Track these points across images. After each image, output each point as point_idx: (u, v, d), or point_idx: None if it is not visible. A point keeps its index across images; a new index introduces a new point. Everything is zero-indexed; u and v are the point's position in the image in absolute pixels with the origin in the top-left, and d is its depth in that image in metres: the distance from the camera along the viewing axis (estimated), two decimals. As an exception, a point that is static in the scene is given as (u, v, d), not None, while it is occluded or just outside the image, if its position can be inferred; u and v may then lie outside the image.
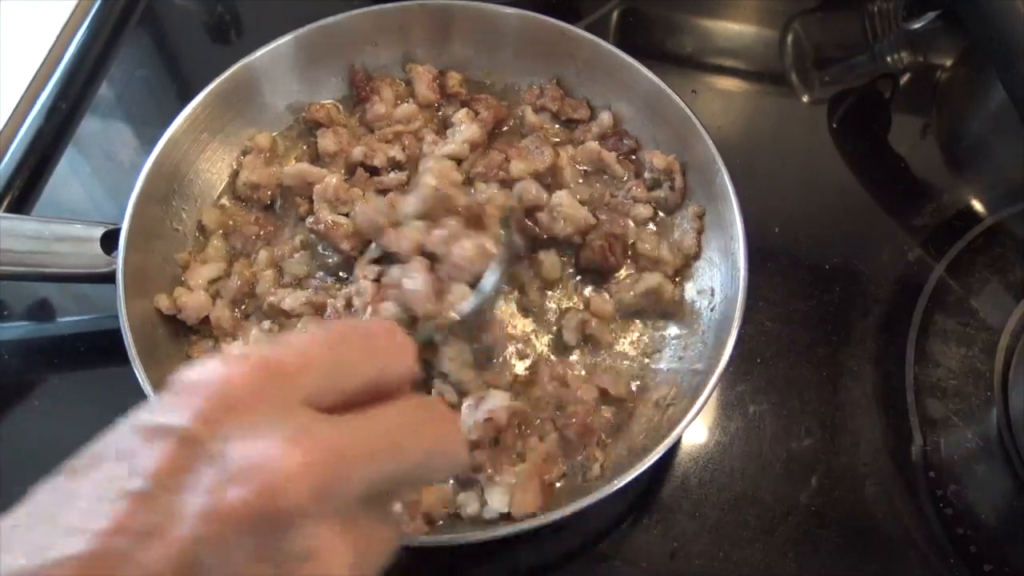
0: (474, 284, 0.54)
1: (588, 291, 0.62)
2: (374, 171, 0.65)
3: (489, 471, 0.52)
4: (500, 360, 0.58)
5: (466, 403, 0.54)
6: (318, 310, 0.58)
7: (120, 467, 0.26)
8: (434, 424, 0.31)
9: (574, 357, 0.59)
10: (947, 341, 0.64)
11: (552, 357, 0.59)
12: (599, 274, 0.62)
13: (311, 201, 0.62)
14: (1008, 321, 0.65)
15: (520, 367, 0.58)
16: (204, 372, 0.27)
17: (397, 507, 0.31)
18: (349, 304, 0.56)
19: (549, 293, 0.62)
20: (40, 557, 0.24)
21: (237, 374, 0.27)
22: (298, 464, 0.26)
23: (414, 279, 0.53)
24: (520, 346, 0.59)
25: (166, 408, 0.27)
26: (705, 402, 0.51)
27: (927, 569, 0.56)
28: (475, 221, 0.56)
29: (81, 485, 0.26)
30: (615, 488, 0.48)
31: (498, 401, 0.52)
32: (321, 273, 0.61)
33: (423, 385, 0.57)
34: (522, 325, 0.60)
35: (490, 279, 0.53)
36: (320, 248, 0.61)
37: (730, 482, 0.58)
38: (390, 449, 0.29)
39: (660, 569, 0.55)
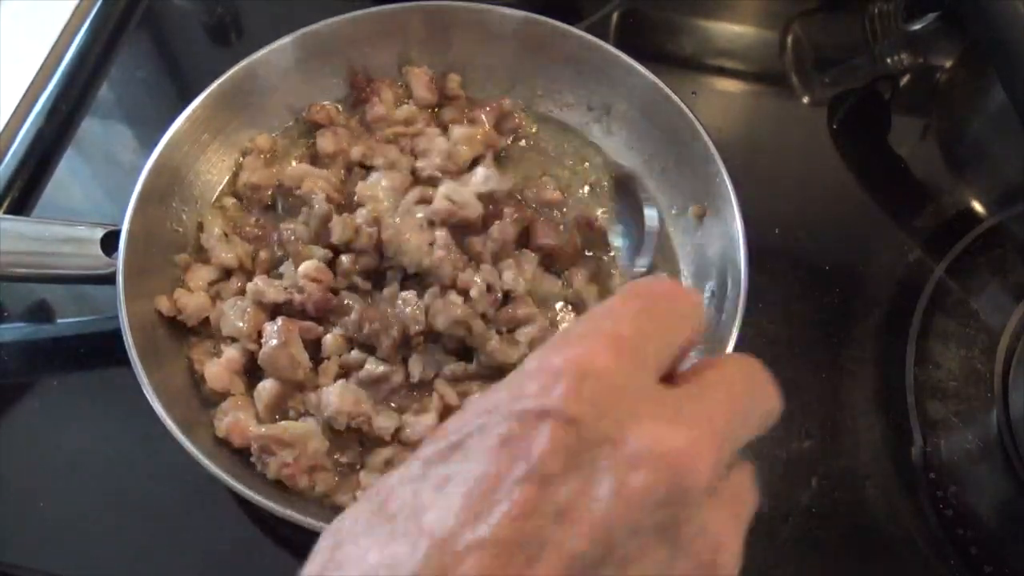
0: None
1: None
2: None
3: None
4: None
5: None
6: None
7: (503, 454, 0.25)
8: (757, 379, 0.30)
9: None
10: (947, 342, 0.64)
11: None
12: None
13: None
14: (1008, 322, 0.65)
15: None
16: (561, 355, 0.26)
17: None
18: None
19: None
20: (454, 542, 0.23)
21: (596, 353, 0.26)
22: (693, 444, 0.25)
23: None
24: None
25: (535, 393, 0.26)
26: (705, 403, 0.51)
27: (927, 570, 0.56)
28: None
29: (461, 470, 0.25)
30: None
31: None
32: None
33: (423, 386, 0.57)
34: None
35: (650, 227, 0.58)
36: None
37: (730, 483, 0.58)
38: (743, 414, 0.29)
39: (660, 570, 0.55)
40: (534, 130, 0.70)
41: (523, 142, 0.69)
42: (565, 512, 0.24)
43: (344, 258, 0.59)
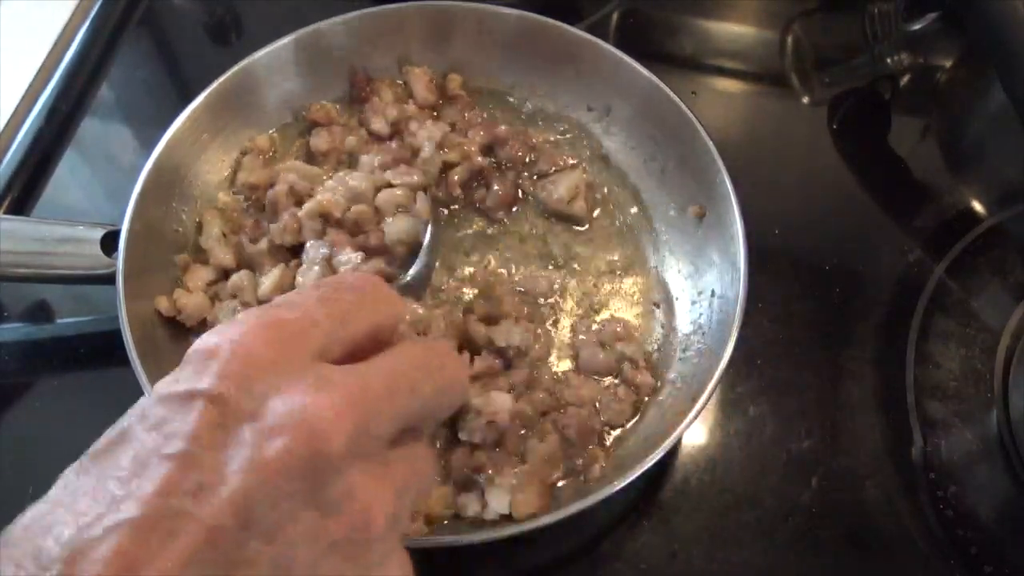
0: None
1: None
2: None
3: (490, 472, 0.52)
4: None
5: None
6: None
7: (154, 436, 0.26)
8: (438, 360, 0.32)
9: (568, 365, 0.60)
10: (947, 342, 0.64)
11: (553, 357, 0.60)
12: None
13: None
14: (1008, 322, 0.65)
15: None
16: (218, 337, 0.28)
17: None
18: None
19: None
20: (94, 527, 0.24)
21: (251, 336, 0.28)
22: (331, 410, 0.26)
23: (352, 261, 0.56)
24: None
25: (188, 376, 0.27)
26: (705, 403, 0.51)
27: (927, 571, 0.56)
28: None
29: (115, 459, 0.26)
30: (616, 489, 0.48)
31: (500, 404, 0.52)
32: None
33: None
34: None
35: (426, 241, 0.57)
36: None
37: (730, 483, 0.58)
38: (406, 387, 0.30)
39: (660, 570, 0.55)
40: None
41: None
42: (204, 487, 0.25)
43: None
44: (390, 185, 0.61)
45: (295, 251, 0.60)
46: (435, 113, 0.70)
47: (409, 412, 0.30)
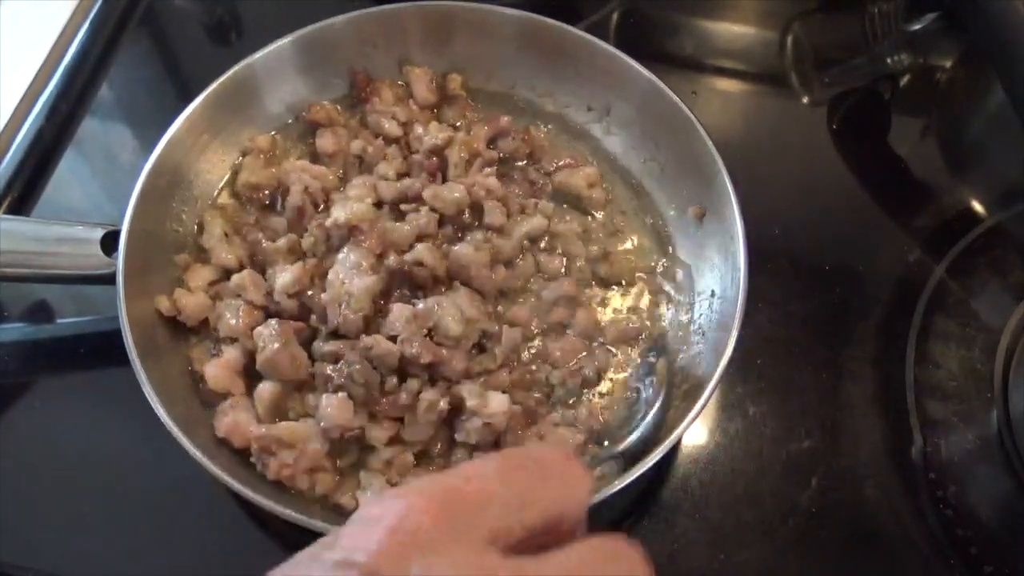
0: None
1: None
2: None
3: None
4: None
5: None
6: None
7: None
8: (612, 561, 0.29)
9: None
10: (947, 342, 0.64)
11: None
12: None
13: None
14: (1008, 322, 0.65)
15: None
16: (387, 506, 0.27)
17: None
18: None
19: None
20: None
21: (420, 508, 0.26)
22: None
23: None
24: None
25: (350, 542, 0.26)
26: (705, 403, 0.51)
27: (927, 571, 0.56)
28: None
29: None
30: (615, 489, 0.48)
31: (496, 406, 0.52)
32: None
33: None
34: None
35: (653, 412, 0.55)
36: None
37: (730, 483, 0.58)
38: None
39: (660, 570, 0.54)
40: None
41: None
42: None
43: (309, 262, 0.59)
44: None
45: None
46: (434, 112, 0.70)
47: None
